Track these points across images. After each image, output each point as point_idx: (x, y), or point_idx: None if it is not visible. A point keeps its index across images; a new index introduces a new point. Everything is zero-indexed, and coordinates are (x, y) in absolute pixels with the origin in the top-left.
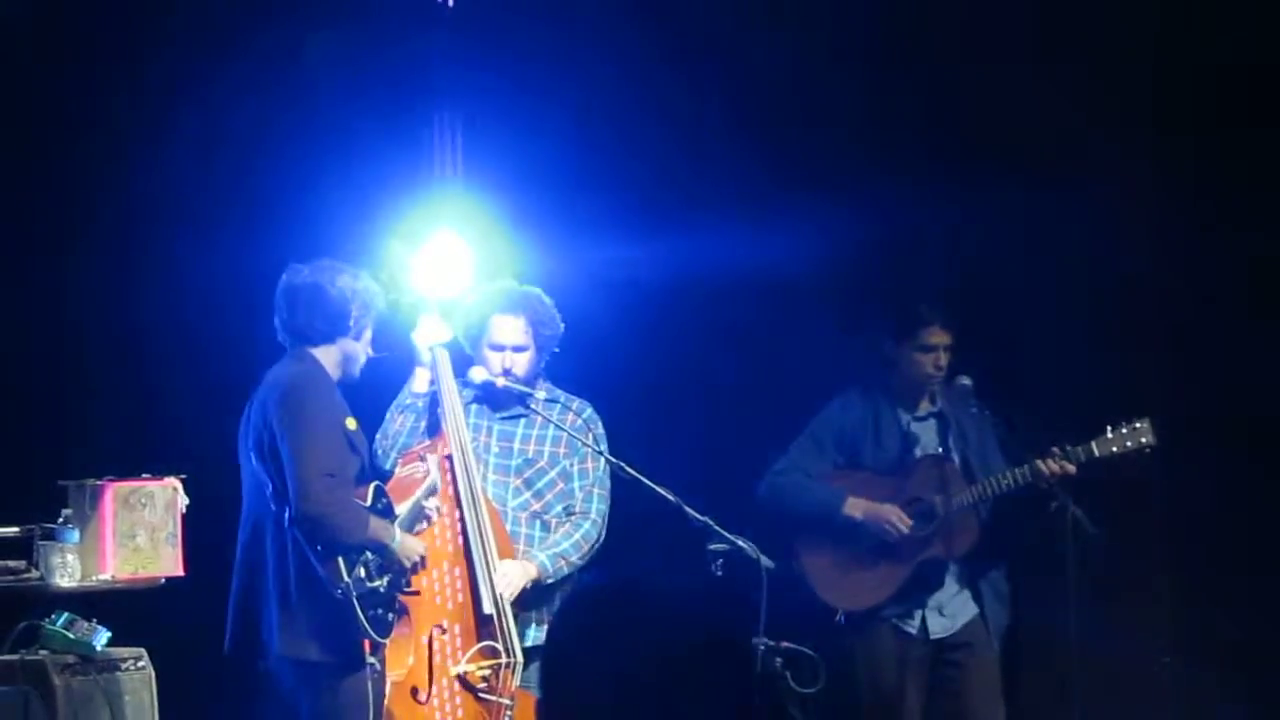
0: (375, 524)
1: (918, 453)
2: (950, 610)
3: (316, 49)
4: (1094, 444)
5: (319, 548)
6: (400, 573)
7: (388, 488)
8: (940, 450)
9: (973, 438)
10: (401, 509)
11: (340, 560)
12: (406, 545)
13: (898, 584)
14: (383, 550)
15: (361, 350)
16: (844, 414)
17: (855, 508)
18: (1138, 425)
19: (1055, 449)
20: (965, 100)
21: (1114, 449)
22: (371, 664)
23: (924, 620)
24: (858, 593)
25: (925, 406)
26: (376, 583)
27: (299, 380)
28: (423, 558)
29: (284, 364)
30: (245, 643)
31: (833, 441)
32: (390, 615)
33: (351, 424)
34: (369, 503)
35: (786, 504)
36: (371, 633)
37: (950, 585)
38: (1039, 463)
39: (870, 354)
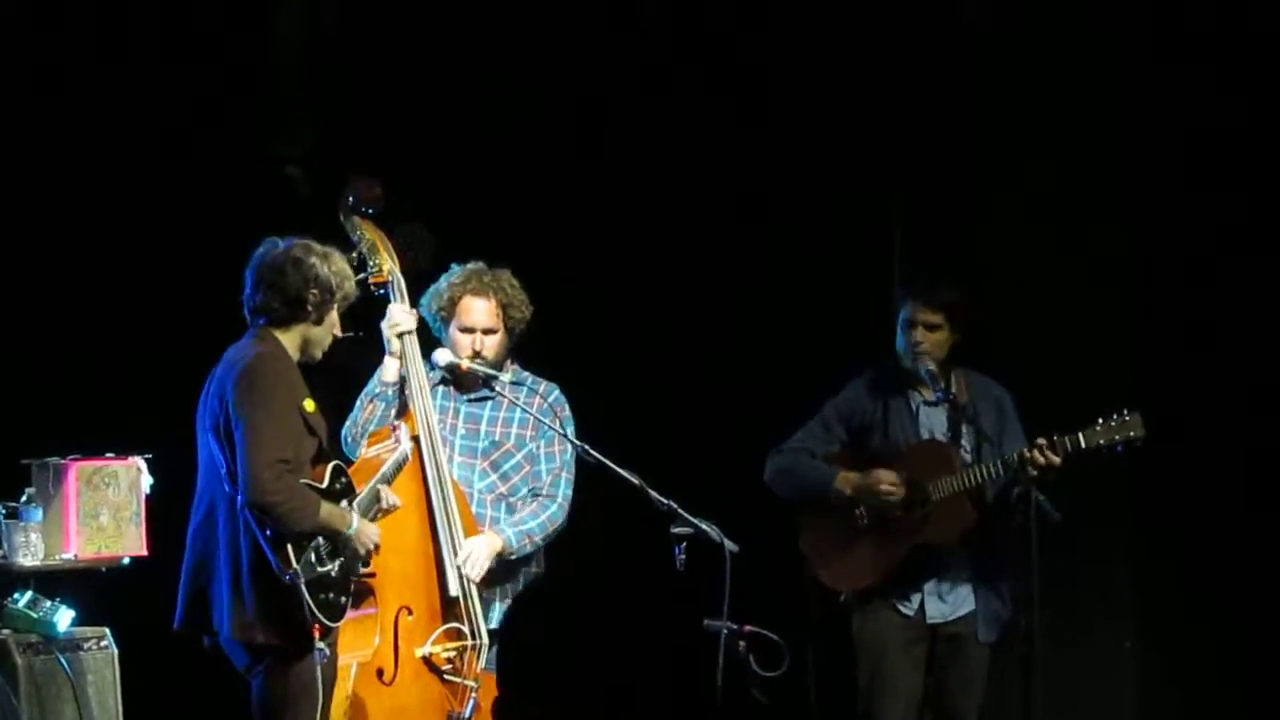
0: (328, 510)
1: (925, 436)
2: (950, 598)
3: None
4: (1081, 435)
5: (268, 532)
6: (355, 557)
7: (354, 468)
8: (948, 436)
9: (990, 425)
10: (363, 489)
11: (289, 546)
12: (362, 531)
13: (892, 566)
14: (336, 535)
15: (324, 334)
16: (855, 396)
17: (846, 483)
18: (1127, 417)
19: (1042, 440)
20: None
21: (1101, 441)
22: (320, 649)
23: (922, 603)
24: (853, 573)
25: (930, 392)
26: (328, 567)
27: (257, 362)
28: (376, 545)
29: (245, 343)
30: (194, 620)
31: (841, 423)
32: (343, 599)
33: (310, 406)
34: (325, 483)
35: (785, 482)
36: (321, 618)
37: (950, 572)
38: (1026, 452)
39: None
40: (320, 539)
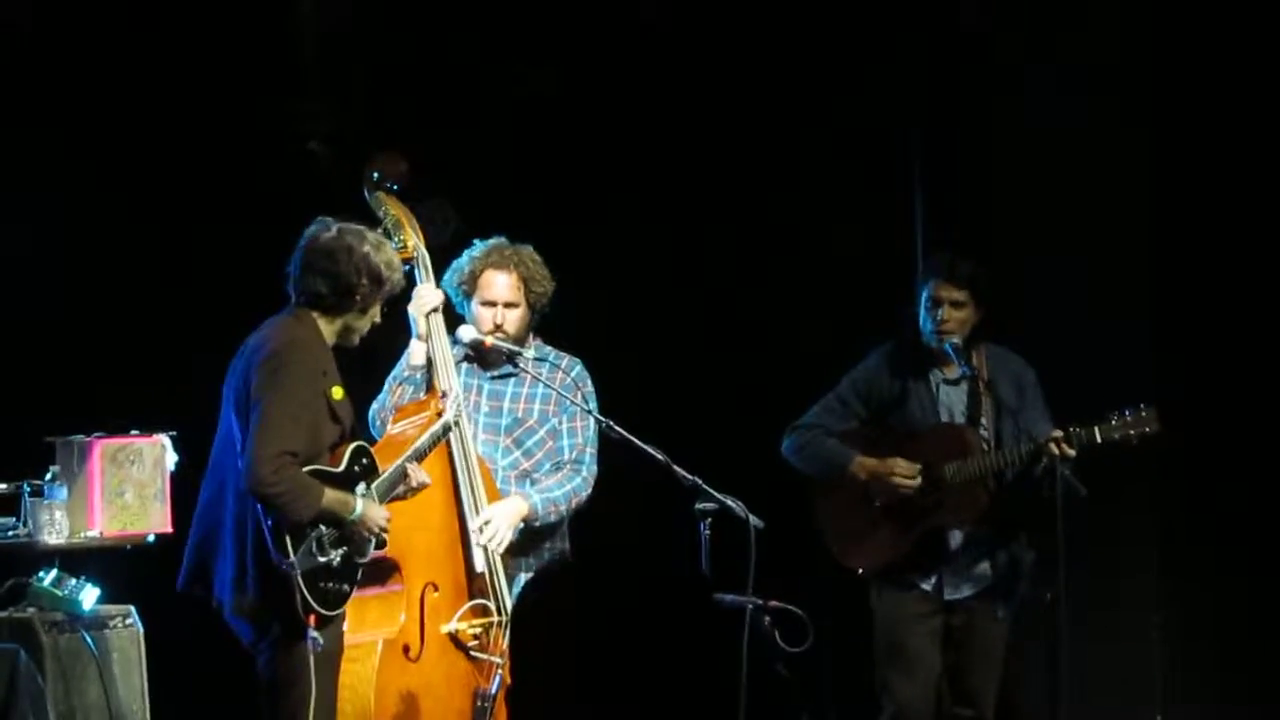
0: (331, 498)
1: (944, 417)
2: (967, 575)
3: None
4: (1097, 429)
5: (270, 521)
6: (362, 541)
7: (380, 444)
8: (966, 416)
9: (1011, 404)
10: (388, 468)
11: (288, 535)
12: (366, 516)
13: (905, 547)
14: (340, 523)
15: (365, 323)
16: (874, 372)
17: (861, 467)
18: (1143, 412)
19: (1058, 431)
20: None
21: (1117, 435)
22: (314, 638)
23: (940, 580)
24: (869, 553)
25: (954, 369)
26: (329, 557)
27: (287, 349)
28: (383, 528)
29: (281, 322)
30: (197, 581)
31: (859, 400)
32: (346, 586)
33: (338, 394)
34: (343, 466)
35: (802, 460)
36: (317, 607)
37: (967, 550)
38: (1042, 443)
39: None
40: (323, 527)
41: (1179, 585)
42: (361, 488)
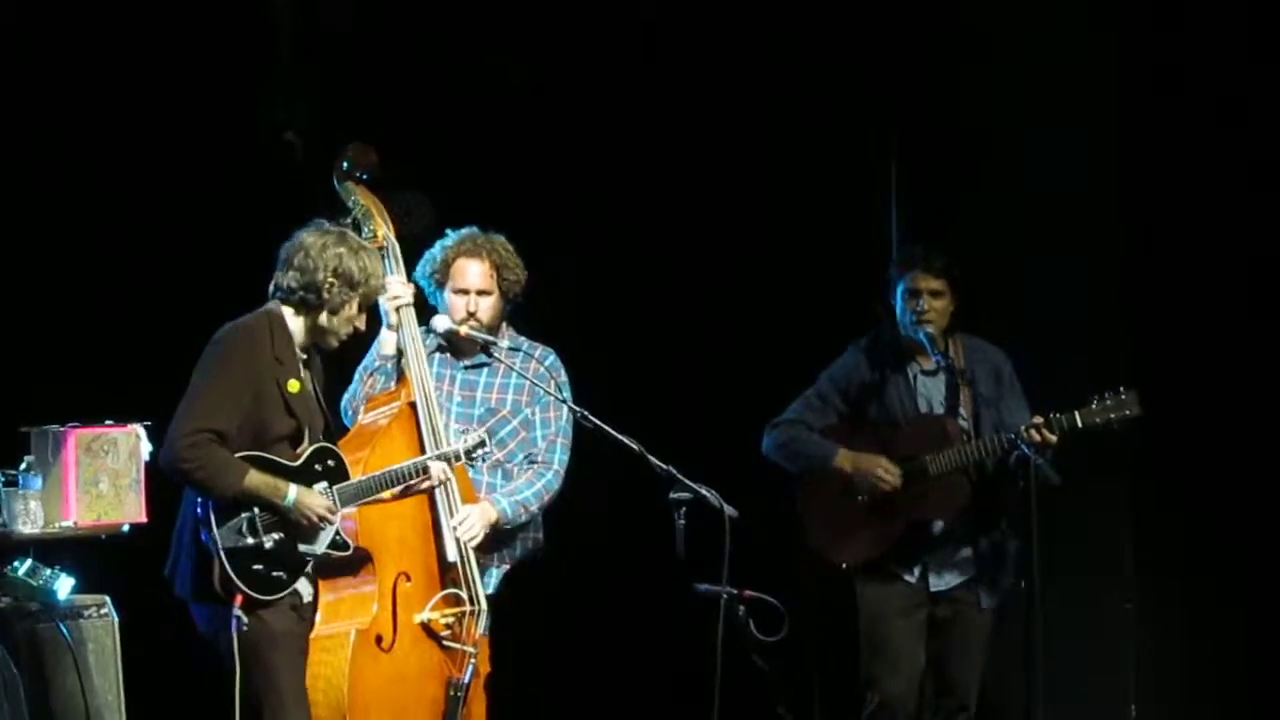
0: (259, 481)
1: (923, 408)
2: (951, 566)
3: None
4: (1078, 414)
5: (198, 498)
6: (309, 532)
7: (350, 434)
8: (945, 406)
9: (988, 391)
10: (359, 472)
11: (213, 511)
12: (302, 504)
13: (889, 542)
14: (275, 509)
15: (340, 325)
16: (852, 366)
17: (845, 460)
18: (1123, 395)
19: (1039, 418)
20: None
21: (1098, 420)
22: (238, 617)
23: (925, 571)
24: (854, 546)
25: (930, 361)
26: (260, 539)
27: (231, 332)
28: (321, 517)
29: (252, 314)
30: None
31: (838, 394)
32: (283, 574)
33: (294, 387)
34: (299, 462)
35: (783, 456)
36: (241, 585)
37: (951, 542)
38: (1022, 431)
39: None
40: (257, 510)
41: (1152, 581)
42: (321, 486)
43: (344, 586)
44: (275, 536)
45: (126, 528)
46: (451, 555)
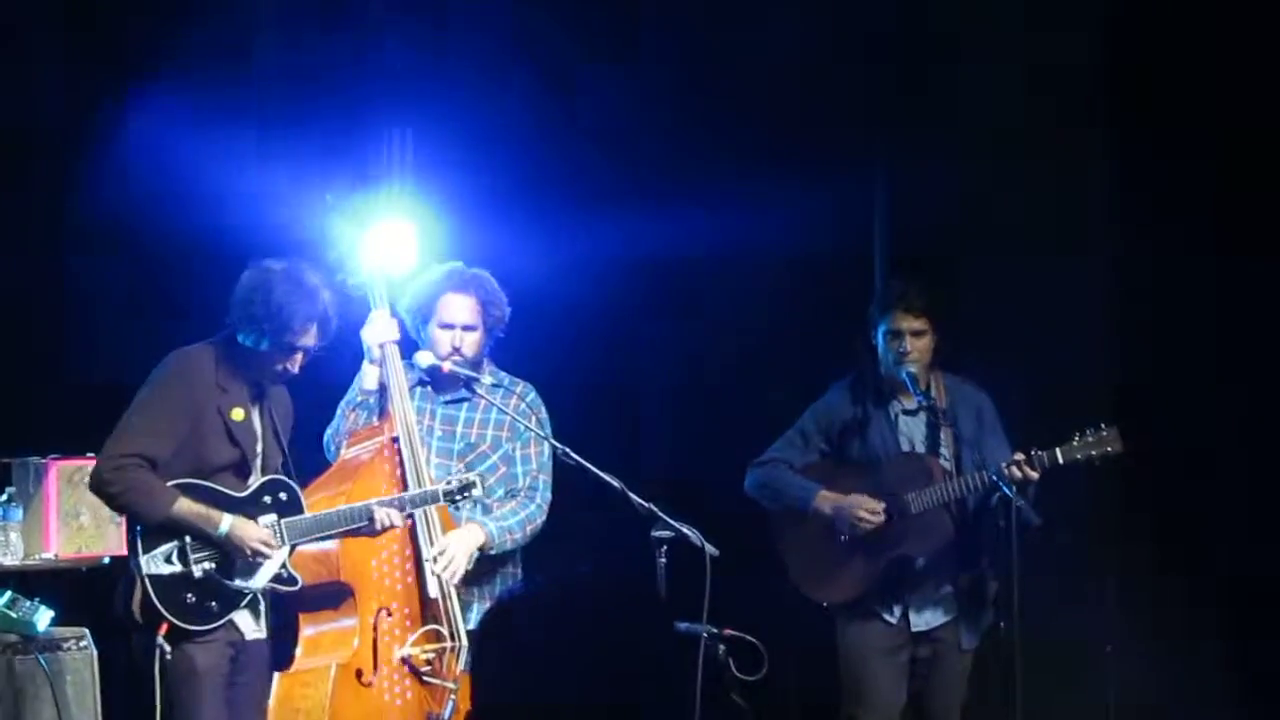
0: (190, 509)
1: (905, 447)
2: (933, 606)
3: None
4: (1059, 450)
5: (130, 523)
6: (247, 565)
7: (333, 469)
8: (926, 445)
9: (968, 430)
10: (324, 504)
11: (140, 537)
12: (236, 535)
13: (871, 581)
14: (205, 537)
15: (278, 363)
16: (834, 405)
17: (825, 501)
18: (1104, 432)
19: (1020, 455)
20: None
21: (1079, 456)
22: (161, 645)
23: (906, 612)
24: (832, 586)
25: (912, 399)
26: (189, 568)
27: (176, 358)
28: (258, 551)
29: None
30: None
31: (820, 433)
32: (213, 604)
33: (238, 414)
34: (247, 492)
35: (765, 496)
36: (165, 613)
37: (932, 581)
38: (1003, 467)
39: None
40: (188, 538)
41: (1134, 619)
42: (269, 519)
43: (325, 620)
44: (206, 566)
45: (107, 560)
46: (433, 591)
